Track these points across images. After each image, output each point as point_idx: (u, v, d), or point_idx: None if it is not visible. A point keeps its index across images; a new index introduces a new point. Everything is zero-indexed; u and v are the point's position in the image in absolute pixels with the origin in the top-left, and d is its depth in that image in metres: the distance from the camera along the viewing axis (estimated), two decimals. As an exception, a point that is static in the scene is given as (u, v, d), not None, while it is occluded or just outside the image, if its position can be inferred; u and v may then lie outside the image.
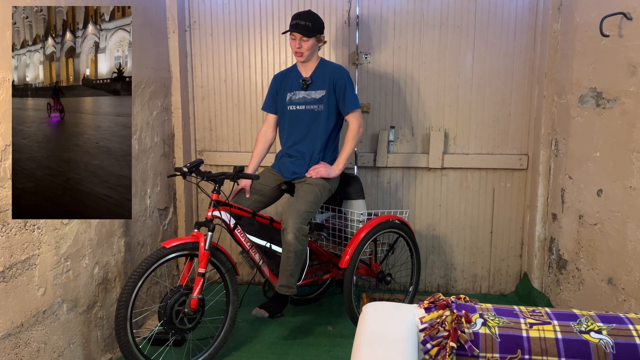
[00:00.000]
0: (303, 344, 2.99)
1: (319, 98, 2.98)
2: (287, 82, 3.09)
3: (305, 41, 2.91)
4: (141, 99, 3.07)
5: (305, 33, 2.89)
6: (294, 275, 2.84)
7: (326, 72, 2.99)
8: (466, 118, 3.53)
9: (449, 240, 3.70)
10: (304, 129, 3.02)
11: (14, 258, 2.07)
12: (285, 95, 3.06)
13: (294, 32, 2.89)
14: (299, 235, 2.77)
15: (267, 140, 3.16)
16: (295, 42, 2.92)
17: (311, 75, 3.02)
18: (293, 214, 2.79)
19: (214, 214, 2.72)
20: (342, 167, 2.99)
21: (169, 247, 2.55)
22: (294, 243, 2.76)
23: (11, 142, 2.03)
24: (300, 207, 2.83)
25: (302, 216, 2.80)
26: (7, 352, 2.06)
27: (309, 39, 2.90)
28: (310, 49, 2.93)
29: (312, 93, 3.00)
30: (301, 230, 2.78)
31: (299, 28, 2.88)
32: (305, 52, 2.93)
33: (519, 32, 3.42)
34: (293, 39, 2.93)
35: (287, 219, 2.79)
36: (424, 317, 1.55)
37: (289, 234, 2.76)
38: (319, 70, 3.01)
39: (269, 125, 3.17)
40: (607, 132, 2.66)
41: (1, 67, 1.98)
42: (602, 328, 1.46)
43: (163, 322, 2.58)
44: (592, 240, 2.82)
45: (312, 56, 2.99)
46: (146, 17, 3.12)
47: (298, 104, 3.02)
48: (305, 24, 2.89)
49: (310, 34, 2.90)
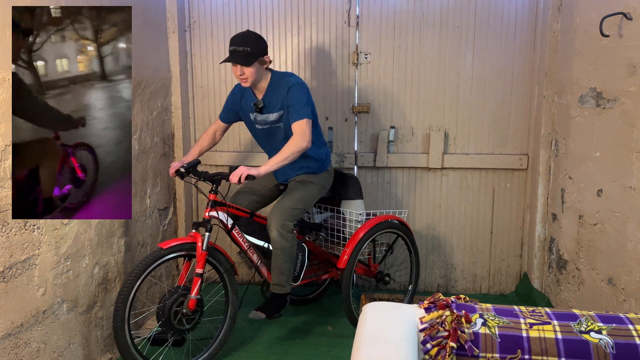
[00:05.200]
0: (303, 344, 2.99)
1: (276, 119, 2.86)
2: (244, 102, 2.95)
3: (247, 68, 2.69)
4: (141, 99, 3.07)
5: (244, 62, 2.66)
6: (284, 273, 2.83)
7: (278, 92, 2.81)
8: (466, 118, 3.53)
9: (449, 240, 3.70)
10: (277, 142, 2.92)
11: (14, 258, 2.07)
12: (248, 114, 2.95)
13: (231, 62, 2.70)
14: (283, 232, 2.75)
15: (215, 141, 3.09)
16: (237, 69, 2.70)
17: (263, 97, 2.85)
18: (277, 211, 2.78)
19: (212, 214, 2.71)
20: (263, 170, 2.62)
21: (166, 248, 2.54)
22: (279, 239, 2.75)
23: (11, 142, 2.03)
24: (285, 204, 2.82)
25: (286, 212, 2.79)
26: (7, 352, 2.06)
27: (249, 66, 2.68)
28: (254, 74, 2.72)
29: (270, 116, 2.86)
30: (284, 227, 2.76)
31: (236, 57, 2.67)
32: (249, 79, 2.73)
33: (519, 32, 3.42)
34: (234, 65, 2.72)
35: (270, 216, 2.78)
36: (424, 317, 1.55)
37: (273, 231, 2.75)
38: (271, 91, 2.83)
39: (219, 130, 3.08)
40: (607, 132, 2.66)
41: (1, 67, 1.98)
42: (602, 328, 1.46)
43: (162, 323, 2.58)
44: (592, 240, 2.82)
45: (260, 78, 2.80)
46: (146, 17, 3.12)
47: (262, 124, 2.92)
48: (243, 49, 2.66)
49: (250, 61, 2.67)
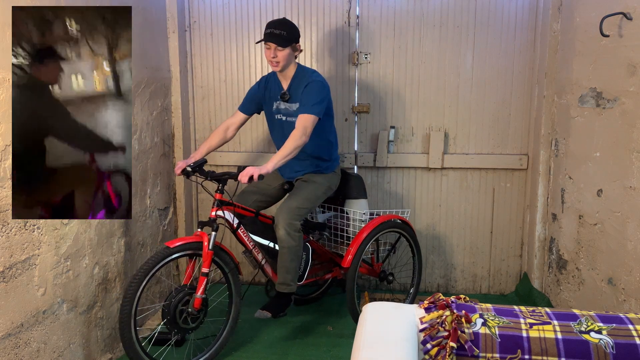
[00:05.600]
0: (303, 344, 2.99)
1: (296, 110, 2.91)
2: (270, 90, 3.02)
3: (280, 50, 2.80)
4: (141, 99, 3.07)
5: (280, 42, 2.78)
6: (290, 272, 2.84)
7: (301, 84, 2.89)
8: (466, 118, 3.53)
9: (449, 240, 3.70)
10: None
11: (14, 258, 2.08)
12: (272, 103, 3.01)
13: (268, 41, 2.79)
14: (290, 231, 2.77)
15: (226, 138, 3.07)
16: (270, 51, 2.81)
17: (288, 87, 2.93)
18: (284, 210, 2.80)
19: (218, 213, 2.72)
20: (270, 167, 2.66)
21: (173, 247, 2.55)
22: (286, 238, 2.76)
23: (11, 142, 2.03)
24: (292, 203, 2.84)
25: (293, 212, 2.80)
26: (7, 352, 2.06)
27: (284, 48, 2.80)
28: (286, 58, 2.83)
29: (293, 105, 2.93)
30: (291, 226, 2.78)
31: (273, 37, 2.78)
32: (281, 62, 2.83)
33: (519, 32, 3.42)
34: (268, 48, 2.82)
35: (277, 215, 2.80)
36: (424, 317, 1.55)
37: (280, 230, 2.77)
38: (296, 82, 2.92)
39: (235, 122, 3.07)
40: (607, 132, 2.66)
41: (1, 67, 1.98)
42: (602, 328, 1.46)
43: (166, 321, 2.59)
44: (592, 240, 2.82)
45: (289, 65, 2.89)
46: (146, 17, 3.12)
47: (283, 114, 2.97)
48: (280, 32, 2.78)
49: (285, 44, 2.79)
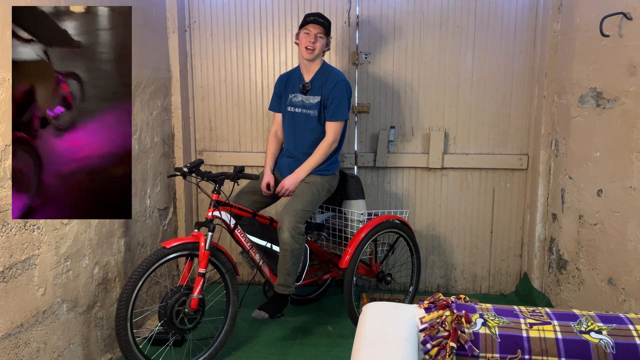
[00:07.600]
0: (303, 344, 2.99)
1: (315, 103, 2.98)
2: (290, 84, 3.09)
3: (321, 38, 2.91)
4: (141, 99, 3.07)
5: (324, 29, 2.91)
6: (291, 274, 2.84)
7: (324, 79, 2.98)
8: (466, 118, 3.53)
9: (449, 240, 3.70)
10: (300, 131, 3.02)
11: (14, 258, 2.07)
12: (288, 96, 3.07)
13: (315, 24, 2.89)
14: (295, 234, 2.77)
15: (279, 140, 3.17)
16: (310, 36, 2.90)
17: (311, 79, 3.01)
18: (289, 213, 2.80)
19: (214, 214, 2.72)
20: (302, 176, 2.94)
21: (169, 247, 2.55)
22: (290, 242, 2.76)
23: (11, 142, 2.03)
24: (297, 206, 2.83)
25: (297, 214, 2.80)
26: (7, 352, 2.06)
27: (324, 36, 2.92)
28: (320, 48, 2.94)
29: (310, 98, 2.99)
30: (297, 229, 2.78)
31: (319, 23, 2.89)
32: (316, 50, 2.92)
33: (519, 32, 3.42)
34: (307, 33, 2.91)
35: (282, 218, 2.79)
36: (424, 317, 1.55)
37: (285, 233, 2.76)
38: (319, 75, 3.00)
39: (278, 125, 3.17)
40: (607, 132, 2.66)
41: (1, 67, 1.98)
42: (602, 328, 1.46)
43: (163, 322, 2.58)
44: (592, 240, 2.82)
45: (318, 57, 2.98)
46: (146, 17, 3.12)
47: (296, 106, 3.02)
48: (323, 21, 2.92)
49: (327, 32, 2.94)
